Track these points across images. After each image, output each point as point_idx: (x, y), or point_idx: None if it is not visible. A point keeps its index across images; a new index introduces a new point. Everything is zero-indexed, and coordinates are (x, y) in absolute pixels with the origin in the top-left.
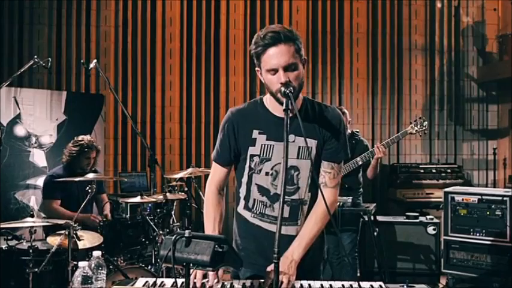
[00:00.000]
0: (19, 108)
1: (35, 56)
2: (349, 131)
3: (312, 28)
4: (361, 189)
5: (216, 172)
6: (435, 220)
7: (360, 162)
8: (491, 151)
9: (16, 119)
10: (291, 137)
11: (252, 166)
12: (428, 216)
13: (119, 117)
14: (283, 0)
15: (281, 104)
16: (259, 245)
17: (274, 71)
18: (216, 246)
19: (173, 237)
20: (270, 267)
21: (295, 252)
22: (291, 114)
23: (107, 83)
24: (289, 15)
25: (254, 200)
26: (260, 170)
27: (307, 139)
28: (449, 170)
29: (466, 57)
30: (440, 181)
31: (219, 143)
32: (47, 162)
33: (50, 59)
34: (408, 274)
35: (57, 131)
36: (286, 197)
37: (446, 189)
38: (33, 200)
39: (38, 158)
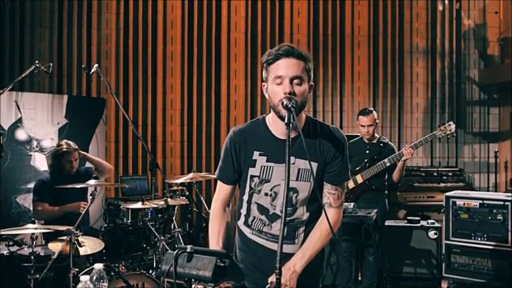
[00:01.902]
0: (20, 112)
1: (36, 62)
2: (376, 135)
3: (313, 30)
4: (386, 192)
5: (221, 190)
6: (436, 224)
7: (388, 164)
8: (493, 154)
9: (17, 123)
10: (291, 159)
11: (252, 186)
12: (429, 221)
13: (120, 120)
14: (285, 2)
15: (282, 119)
16: (257, 259)
17: (280, 79)
18: (218, 261)
19: (175, 253)
20: (272, 278)
21: (297, 263)
22: (293, 135)
23: (108, 87)
24: (290, 18)
25: (254, 217)
26: (260, 191)
27: (307, 161)
28: (450, 173)
29: (467, 60)
30: (442, 184)
31: (222, 161)
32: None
33: (51, 64)
34: (410, 278)
35: (59, 134)
36: None
37: (448, 194)
38: None
39: (40, 162)
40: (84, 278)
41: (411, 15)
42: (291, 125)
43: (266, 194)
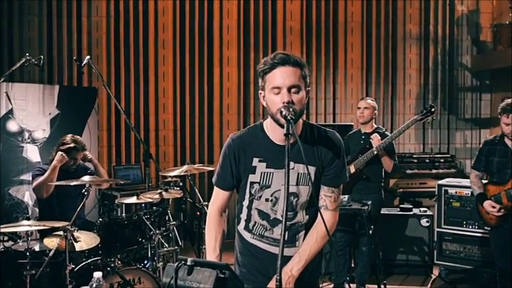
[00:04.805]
0: (11, 104)
1: (27, 54)
2: (374, 125)
3: (306, 18)
4: (383, 183)
5: (218, 196)
6: (429, 212)
7: (376, 152)
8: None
9: (8, 115)
10: (291, 164)
11: (253, 192)
12: (421, 208)
13: (112, 108)
14: None
15: (281, 126)
16: (258, 263)
17: (278, 89)
18: (218, 273)
19: (175, 265)
20: (271, 284)
21: (294, 267)
22: (291, 140)
23: (99, 76)
24: (283, 5)
25: (255, 222)
26: (260, 197)
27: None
28: (442, 160)
29: (460, 46)
30: (434, 171)
31: (220, 168)
32: (41, 157)
33: (42, 56)
34: (402, 265)
35: (50, 125)
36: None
37: (440, 182)
38: (28, 195)
39: (32, 153)
40: None
41: (404, 2)
42: (289, 135)
43: (267, 200)
